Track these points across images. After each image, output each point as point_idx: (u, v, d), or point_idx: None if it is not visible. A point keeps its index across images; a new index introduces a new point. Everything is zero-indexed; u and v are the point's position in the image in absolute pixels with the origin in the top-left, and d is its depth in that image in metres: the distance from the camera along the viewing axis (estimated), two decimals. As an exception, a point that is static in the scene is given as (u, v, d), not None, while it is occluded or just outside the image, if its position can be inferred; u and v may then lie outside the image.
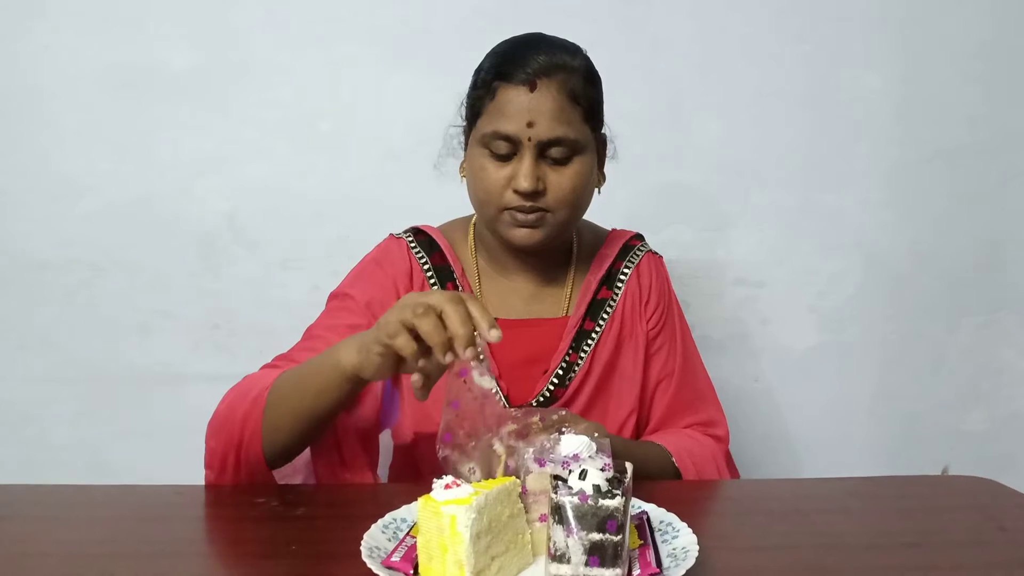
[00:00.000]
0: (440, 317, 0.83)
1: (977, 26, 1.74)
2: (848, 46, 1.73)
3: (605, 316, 1.20)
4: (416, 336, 0.85)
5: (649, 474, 1.05)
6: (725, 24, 1.71)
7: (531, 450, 0.86)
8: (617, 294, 1.21)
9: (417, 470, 1.19)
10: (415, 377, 0.88)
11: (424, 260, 1.19)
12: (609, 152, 1.21)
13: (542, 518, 0.84)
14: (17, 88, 1.64)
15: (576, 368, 1.17)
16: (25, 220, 1.67)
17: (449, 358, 0.83)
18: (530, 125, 1.06)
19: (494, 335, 0.83)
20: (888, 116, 1.76)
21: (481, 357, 0.84)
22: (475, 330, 0.84)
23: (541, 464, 0.84)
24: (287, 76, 1.67)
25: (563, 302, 1.21)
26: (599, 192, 1.19)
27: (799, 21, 1.72)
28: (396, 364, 0.89)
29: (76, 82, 1.65)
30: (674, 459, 1.13)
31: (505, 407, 0.95)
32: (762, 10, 1.71)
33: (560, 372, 1.17)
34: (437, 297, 0.85)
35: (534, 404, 1.16)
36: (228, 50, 1.66)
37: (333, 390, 0.96)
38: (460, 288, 1.17)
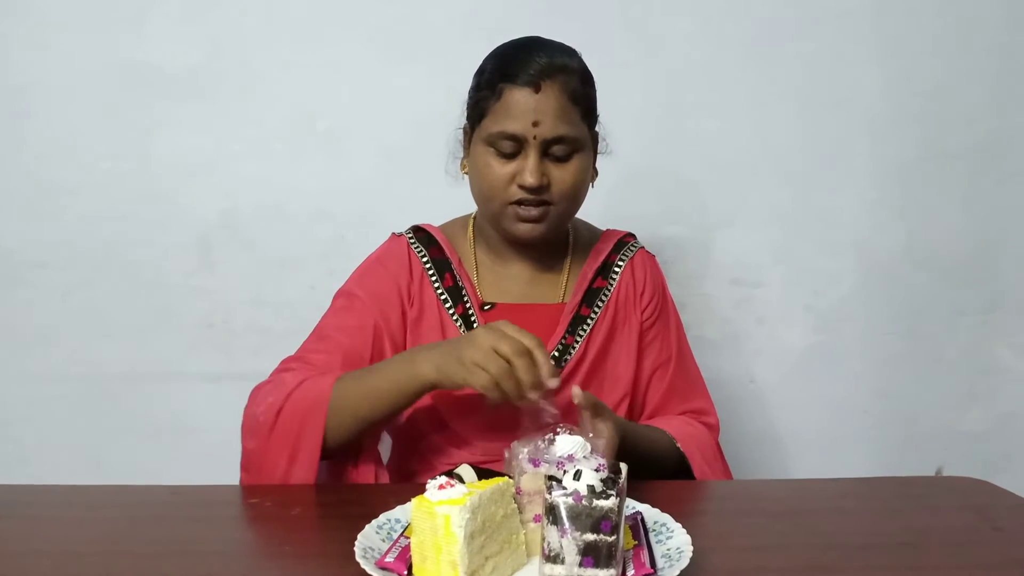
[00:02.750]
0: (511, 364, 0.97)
1: (976, 25, 1.74)
2: (846, 45, 1.73)
3: (600, 303, 1.24)
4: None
5: (657, 456, 1.09)
6: (724, 22, 1.71)
7: (525, 450, 0.86)
8: (612, 284, 1.26)
9: (419, 455, 1.21)
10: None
11: (423, 253, 1.24)
12: (601, 148, 1.24)
13: (536, 518, 0.84)
14: (15, 87, 1.64)
15: (572, 351, 1.20)
16: (23, 219, 1.67)
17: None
18: (535, 124, 1.10)
19: (553, 383, 0.97)
20: (886, 115, 1.75)
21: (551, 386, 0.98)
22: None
23: (535, 464, 0.84)
24: (285, 75, 1.67)
25: (559, 290, 1.25)
26: (592, 186, 1.22)
27: (797, 20, 1.71)
28: None
29: (74, 81, 1.64)
30: (678, 443, 1.15)
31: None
32: (761, 8, 1.71)
33: (556, 355, 1.20)
34: (508, 347, 0.96)
35: None
36: (226, 49, 1.66)
37: (408, 398, 1.06)
38: (457, 277, 1.22)
